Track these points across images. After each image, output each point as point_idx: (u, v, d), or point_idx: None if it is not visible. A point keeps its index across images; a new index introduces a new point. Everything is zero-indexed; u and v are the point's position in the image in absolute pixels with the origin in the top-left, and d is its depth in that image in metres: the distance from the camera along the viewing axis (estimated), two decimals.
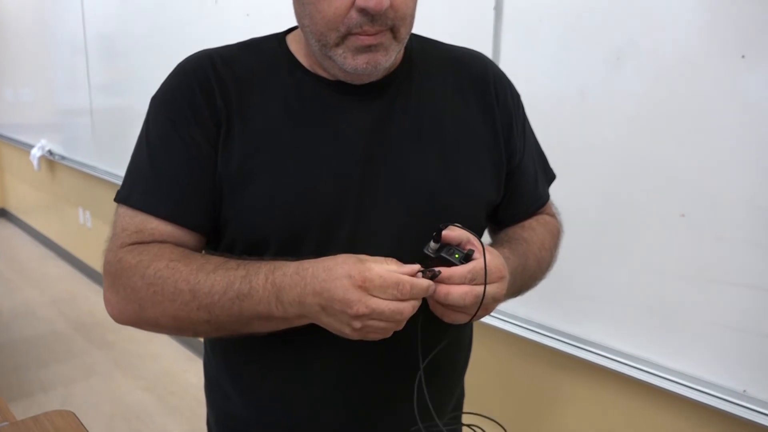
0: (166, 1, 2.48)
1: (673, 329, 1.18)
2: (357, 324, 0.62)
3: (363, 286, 0.61)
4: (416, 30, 0.84)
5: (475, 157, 0.79)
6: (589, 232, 1.25)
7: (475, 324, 0.86)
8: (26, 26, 3.92)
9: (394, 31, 0.69)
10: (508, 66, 1.32)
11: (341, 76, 0.73)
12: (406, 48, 0.80)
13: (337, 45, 0.69)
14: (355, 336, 0.64)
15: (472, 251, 0.66)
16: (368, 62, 0.69)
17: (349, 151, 0.73)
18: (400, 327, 0.64)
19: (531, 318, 1.41)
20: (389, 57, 0.70)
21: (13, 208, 5.07)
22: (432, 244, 0.67)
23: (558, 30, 1.25)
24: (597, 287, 1.27)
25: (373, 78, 0.74)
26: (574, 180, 1.24)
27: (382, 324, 0.63)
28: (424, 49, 0.83)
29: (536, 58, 1.29)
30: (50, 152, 3.83)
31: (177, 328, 0.71)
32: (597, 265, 1.26)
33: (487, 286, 0.65)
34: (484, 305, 0.66)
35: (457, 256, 0.66)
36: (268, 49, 0.79)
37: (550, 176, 0.94)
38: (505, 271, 0.69)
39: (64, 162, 3.67)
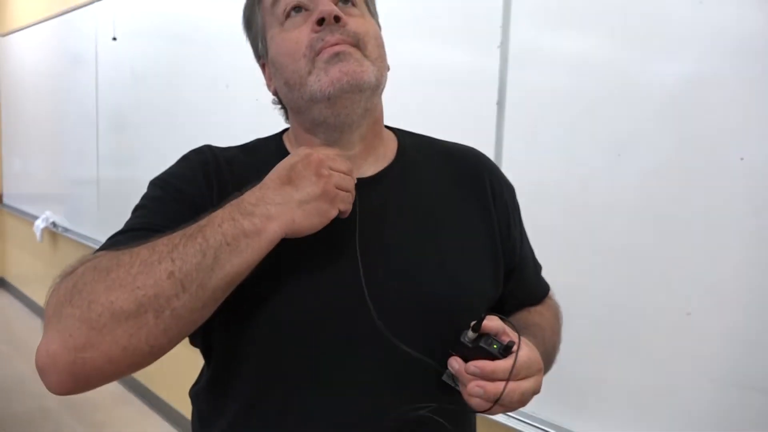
0: (179, 82, 2.56)
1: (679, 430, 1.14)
2: (323, 170, 0.65)
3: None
4: (418, 126, 0.88)
5: (473, 252, 0.79)
6: (592, 326, 1.24)
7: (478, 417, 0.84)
8: (40, 97, 4.03)
9: (360, 47, 0.72)
10: (510, 157, 1.36)
11: (329, 119, 0.72)
12: (399, 143, 0.82)
13: (309, 73, 0.71)
14: (328, 189, 0.65)
15: (513, 343, 0.65)
16: (342, 71, 0.69)
17: (345, 253, 0.72)
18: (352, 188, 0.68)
19: (534, 413, 1.37)
20: (365, 70, 0.71)
21: (12, 277, 5.05)
22: (470, 333, 0.66)
23: (559, 123, 1.29)
24: (600, 382, 1.25)
25: (357, 106, 0.72)
26: (576, 271, 1.25)
27: (342, 178, 0.67)
28: (417, 144, 0.84)
29: (538, 150, 1.32)
30: (54, 224, 3.85)
31: (136, 311, 0.57)
32: (601, 359, 1.24)
33: (527, 380, 0.65)
34: (522, 401, 0.65)
35: (495, 346, 0.65)
36: (264, 151, 0.81)
37: (538, 266, 0.94)
38: (542, 363, 0.69)
39: (67, 234, 3.69)
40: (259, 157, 0.79)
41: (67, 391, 0.59)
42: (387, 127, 0.84)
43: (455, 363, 0.67)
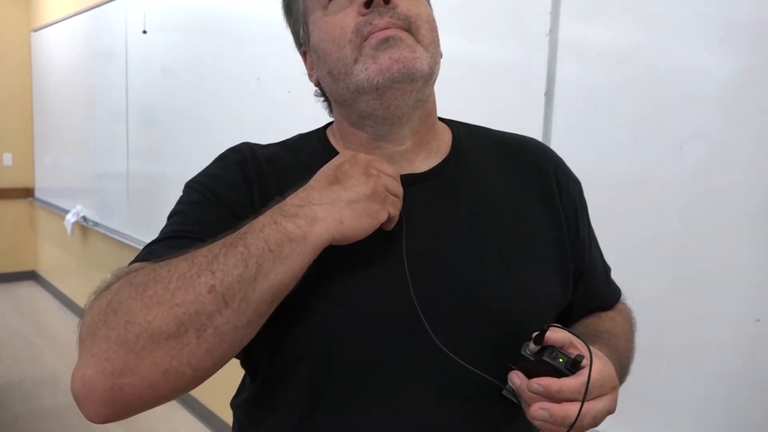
0: (209, 76, 2.53)
1: None
2: (372, 170, 0.61)
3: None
4: (462, 117, 0.81)
5: (539, 256, 0.71)
6: (652, 332, 1.16)
7: None
8: (72, 94, 4.05)
9: (413, 32, 0.65)
10: (560, 153, 1.28)
11: (378, 111, 0.66)
12: (453, 135, 0.76)
13: (356, 60, 0.65)
14: (378, 189, 0.61)
15: (581, 357, 0.57)
16: (392, 58, 0.63)
17: (394, 254, 0.65)
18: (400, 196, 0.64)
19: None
20: (417, 57, 0.64)
21: (43, 271, 5.11)
22: (531, 345, 0.59)
23: (614, 116, 1.21)
24: (659, 391, 1.17)
25: (408, 96, 0.66)
26: (633, 276, 1.17)
27: (391, 180, 0.63)
28: (473, 136, 0.77)
29: (590, 145, 1.25)
30: (84, 218, 3.87)
31: (176, 331, 0.52)
32: (659, 368, 1.17)
33: (600, 400, 0.58)
34: (595, 423, 0.58)
35: (561, 360, 0.58)
36: (307, 148, 0.75)
37: (608, 268, 0.86)
38: (617, 378, 0.61)
39: (97, 228, 3.70)
40: (302, 155, 0.74)
41: (105, 420, 0.54)
42: (440, 118, 0.78)
43: (516, 378, 0.61)
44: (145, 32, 2.93)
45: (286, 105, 2.04)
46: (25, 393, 3.13)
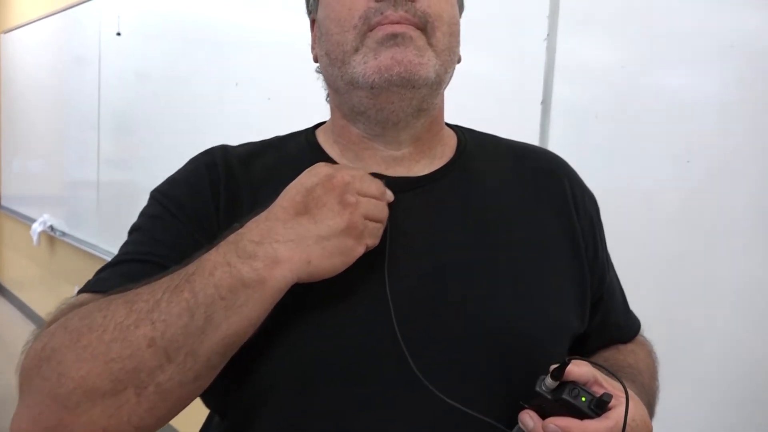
0: (185, 81, 2.43)
1: None
2: (349, 197, 0.51)
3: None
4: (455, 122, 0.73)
5: (553, 274, 0.62)
6: (673, 352, 1.09)
7: None
8: (43, 98, 3.90)
9: (427, 32, 0.56)
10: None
11: (370, 110, 0.58)
12: (459, 140, 0.67)
13: (356, 50, 0.56)
14: (354, 221, 0.50)
15: (609, 397, 0.48)
16: (395, 58, 0.55)
17: (376, 273, 0.56)
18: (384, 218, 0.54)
19: None
20: (424, 63, 0.56)
21: (7, 282, 4.90)
22: (549, 380, 0.50)
23: (616, 127, 1.14)
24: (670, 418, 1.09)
25: (406, 104, 0.58)
26: (639, 303, 1.09)
27: (372, 205, 0.53)
28: (481, 143, 0.69)
29: (590, 158, 1.18)
30: (51, 227, 3.71)
31: (113, 389, 0.46)
32: (679, 388, 1.09)
33: None
34: None
35: (584, 399, 0.49)
36: (293, 145, 0.66)
37: (626, 300, 0.78)
38: (650, 422, 0.53)
39: (65, 238, 3.54)
40: (286, 152, 0.65)
41: None
42: (447, 124, 0.70)
43: (528, 419, 0.52)
44: (119, 34, 2.81)
45: (265, 112, 1.95)
46: None
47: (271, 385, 0.55)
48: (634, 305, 0.79)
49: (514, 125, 1.28)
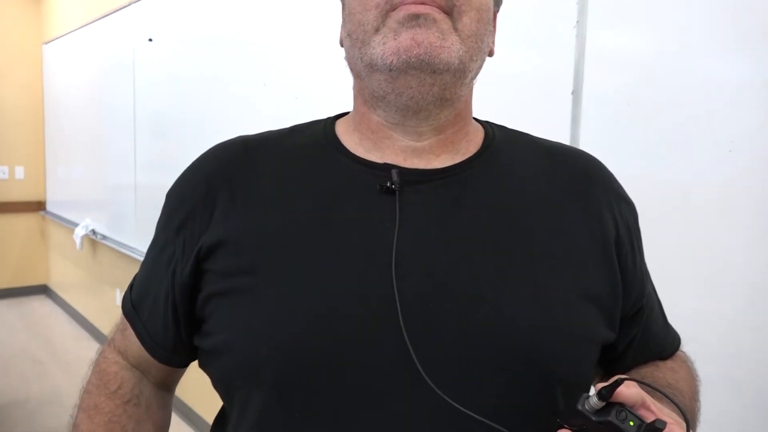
0: (215, 83, 2.44)
1: None
2: None
3: None
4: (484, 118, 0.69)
5: (578, 282, 0.57)
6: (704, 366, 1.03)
7: None
8: (83, 105, 4.00)
9: (453, 16, 0.53)
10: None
11: (389, 96, 0.56)
12: (486, 135, 0.63)
13: (377, 30, 0.54)
14: None
15: (663, 424, 0.44)
16: (415, 39, 0.52)
17: (392, 261, 0.54)
18: None
19: None
20: (447, 46, 0.53)
21: (54, 285, 5.05)
22: (594, 399, 0.46)
23: (651, 116, 1.08)
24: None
25: (426, 90, 0.55)
26: (678, 303, 1.03)
27: None
28: (510, 140, 0.65)
29: (624, 149, 1.12)
30: (93, 231, 3.80)
31: None
32: (729, 395, 1.02)
33: None
34: None
35: (632, 424, 0.45)
36: (310, 133, 0.64)
37: (665, 314, 0.72)
38: None
39: (105, 242, 3.62)
40: (299, 141, 0.63)
41: None
42: (475, 119, 0.66)
43: None
44: (150, 40, 2.85)
45: (293, 111, 1.94)
46: (30, 413, 3.04)
47: (249, 376, 0.55)
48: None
49: (544, 117, 1.23)
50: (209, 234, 0.59)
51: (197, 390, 2.61)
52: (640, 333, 0.64)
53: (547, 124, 1.17)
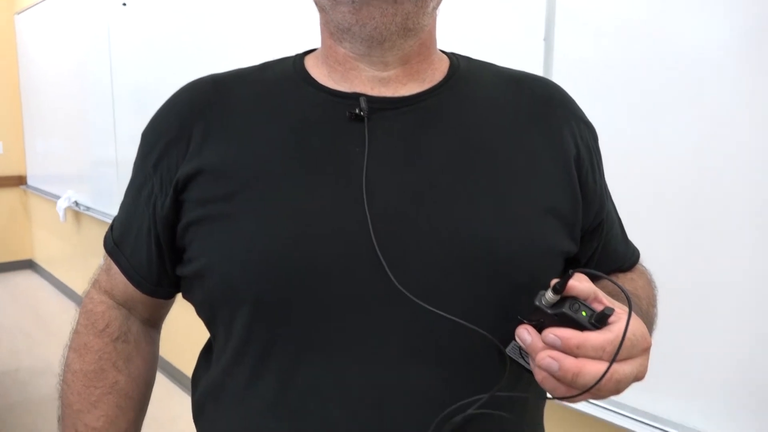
0: (194, 50, 2.42)
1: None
2: None
3: None
4: None
5: (540, 197, 0.61)
6: (668, 294, 1.07)
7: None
8: (58, 77, 3.94)
9: None
10: None
11: (354, 28, 0.58)
12: (451, 64, 0.66)
13: None
14: None
15: (610, 310, 0.48)
16: None
17: (363, 182, 0.57)
18: None
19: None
20: None
21: (40, 259, 5.04)
22: (549, 294, 0.49)
23: (620, 58, 1.11)
24: (676, 358, 1.08)
25: (389, 20, 0.57)
26: (647, 237, 1.07)
27: None
28: (474, 68, 0.68)
29: (596, 95, 1.14)
30: (76, 203, 3.78)
31: None
32: (678, 332, 1.07)
33: (629, 363, 0.49)
34: (618, 389, 0.49)
35: (584, 314, 0.48)
36: (280, 69, 0.67)
37: (624, 230, 0.77)
38: (650, 339, 0.52)
39: (89, 213, 3.61)
40: (269, 76, 0.65)
41: None
42: (443, 51, 0.68)
43: (526, 334, 0.51)
44: (125, 4, 2.81)
45: None
46: (22, 383, 3.07)
47: (229, 290, 0.58)
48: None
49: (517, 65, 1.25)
50: (186, 165, 0.61)
51: (186, 353, 2.64)
52: (600, 246, 0.68)
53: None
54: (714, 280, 1.02)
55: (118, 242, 0.69)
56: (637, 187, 1.09)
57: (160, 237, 0.64)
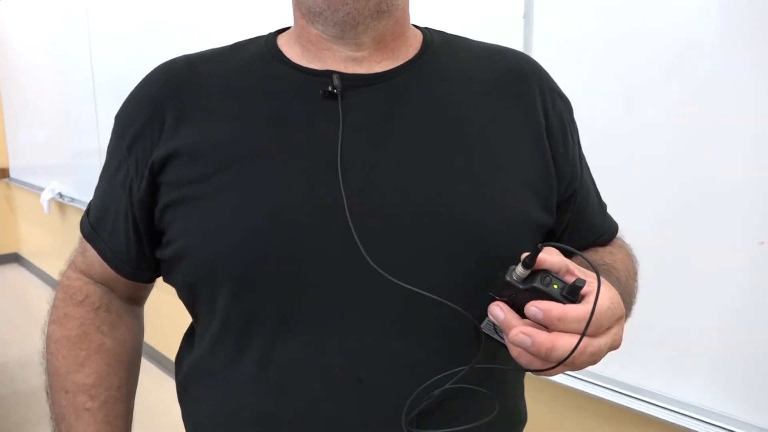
0: (171, 34, 2.39)
1: (751, 379, 0.99)
2: None
3: None
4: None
5: (513, 170, 0.61)
6: (647, 263, 1.08)
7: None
8: (39, 67, 3.88)
9: None
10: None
11: (326, 12, 0.57)
12: (425, 40, 0.66)
13: None
14: None
15: (582, 282, 0.48)
16: None
17: (338, 159, 0.57)
18: None
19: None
20: None
21: (25, 252, 5.00)
22: (519, 269, 0.49)
23: (599, 34, 1.11)
24: (657, 329, 1.10)
25: (362, 5, 0.57)
26: (624, 205, 1.08)
27: None
28: (448, 43, 0.68)
29: (576, 72, 1.15)
30: (60, 194, 3.75)
31: None
32: (656, 303, 1.09)
33: (606, 332, 0.48)
34: (593, 360, 0.49)
35: (556, 287, 0.48)
36: (253, 48, 0.66)
37: (603, 203, 0.77)
38: (624, 307, 0.51)
39: (74, 204, 3.58)
40: (242, 55, 0.65)
41: None
42: (414, 26, 0.68)
43: (498, 311, 0.50)
44: None
45: None
46: (9, 376, 3.06)
47: (208, 268, 0.58)
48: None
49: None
50: (161, 147, 0.61)
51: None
52: (575, 216, 0.68)
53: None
54: (699, 255, 1.03)
55: (95, 226, 0.69)
56: (617, 162, 1.10)
57: (138, 220, 0.64)
